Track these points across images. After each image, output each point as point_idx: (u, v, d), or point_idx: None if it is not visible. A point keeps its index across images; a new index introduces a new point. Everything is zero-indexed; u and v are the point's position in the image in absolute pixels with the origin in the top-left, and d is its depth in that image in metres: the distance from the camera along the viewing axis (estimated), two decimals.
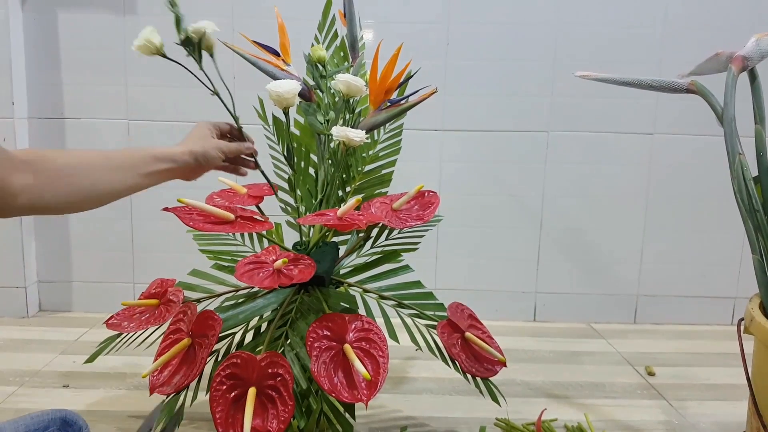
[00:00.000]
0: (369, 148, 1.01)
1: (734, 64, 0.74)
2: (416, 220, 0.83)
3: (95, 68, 1.40)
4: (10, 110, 1.35)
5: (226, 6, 1.36)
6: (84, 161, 0.64)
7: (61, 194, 0.60)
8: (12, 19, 1.34)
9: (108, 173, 0.65)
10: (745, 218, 0.72)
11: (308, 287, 0.84)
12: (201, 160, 0.74)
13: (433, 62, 1.41)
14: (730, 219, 0.79)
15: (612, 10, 1.40)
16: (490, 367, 0.83)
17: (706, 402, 1.07)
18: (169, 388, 0.71)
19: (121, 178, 0.66)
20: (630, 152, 1.45)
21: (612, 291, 1.50)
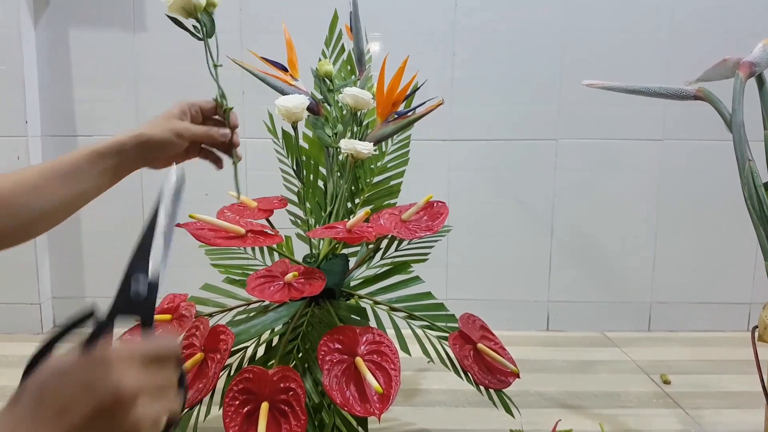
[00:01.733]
0: (377, 159, 1.02)
1: (741, 70, 0.74)
2: (425, 230, 0.83)
3: (107, 85, 1.42)
4: (23, 129, 1.37)
5: (234, 23, 1.38)
6: (30, 180, 0.59)
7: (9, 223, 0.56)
8: (24, 38, 1.36)
9: (57, 186, 0.59)
10: (757, 225, 0.71)
11: (319, 300, 0.84)
12: (152, 145, 0.65)
13: (439, 73, 1.41)
14: (743, 223, 0.79)
15: (618, 17, 1.40)
16: (503, 379, 0.83)
17: (722, 410, 1.05)
18: None
19: (71, 188, 0.60)
20: (639, 158, 1.44)
21: (625, 298, 1.49)
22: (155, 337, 0.45)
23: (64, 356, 0.44)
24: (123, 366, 0.42)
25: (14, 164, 1.38)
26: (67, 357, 0.43)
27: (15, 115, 1.37)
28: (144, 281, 0.46)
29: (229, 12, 1.37)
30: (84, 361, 0.42)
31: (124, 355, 0.42)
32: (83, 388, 0.40)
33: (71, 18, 1.40)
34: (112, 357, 0.42)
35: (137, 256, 0.46)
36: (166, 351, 0.45)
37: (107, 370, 0.41)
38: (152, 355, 0.44)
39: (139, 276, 0.46)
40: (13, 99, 1.36)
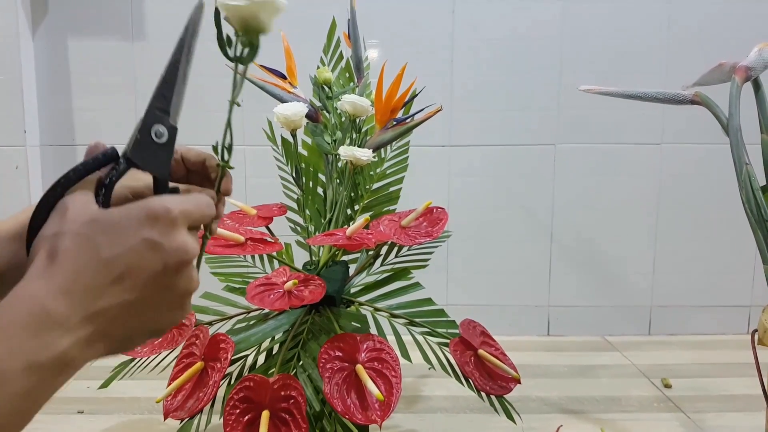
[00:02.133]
0: (376, 166, 1.02)
1: (737, 74, 0.75)
2: (425, 236, 0.83)
3: (106, 94, 1.42)
4: (22, 138, 1.37)
5: (232, 31, 1.38)
6: None
7: None
8: (23, 49, 1.37)
9: None
10: (755, 228, 0.72)
11: (319, 307, 0.84)
12: None
13: (438, 80, 1.42)
14: (742, 227, 0.79)
15: (616, 22, 1.40)
16: (505, 385, 0.83)
17: (724, 413, 1.05)
18: (183, 412, 0.71)
19: None
20: (638, 163, 1.44)
21: (625, 303, 1.49)
22: (198, 199, 0.43)
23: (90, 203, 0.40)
24: (184, 225, 0.41)
25: (13, 174, 1.38)
26: (96, 205, 0.40)
27: (14, 124, 1.37)
28: (165, 124, 0.44)
29: None
30: (140, 214, 0.39)
31: (184, 213, 0.40)
32: (151, 248, 0.38)
33: (70, 27, 1.41)
34: (176, 214, 0.40)
35: (159, 97, 0.44)
36: (209, 213, 0.44)
37: (173, 229, 0.39)
38: (199, 217, 0.43)
39: (159, 116, 0.43)
40: (11, 108, 1.36)
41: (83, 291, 0.36)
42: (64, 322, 0.35)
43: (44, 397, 0.36)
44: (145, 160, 0.42)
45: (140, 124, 0.42)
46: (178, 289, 0.41)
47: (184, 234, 0.40)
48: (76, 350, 0.36)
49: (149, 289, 0.38)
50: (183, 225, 0.40)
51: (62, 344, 0.35)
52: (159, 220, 0.38)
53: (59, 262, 0.36)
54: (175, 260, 0.39)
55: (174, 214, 0.39)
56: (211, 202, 0.44)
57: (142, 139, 0.42)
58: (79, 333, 0.36)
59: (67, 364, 0.36)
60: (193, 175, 0.54)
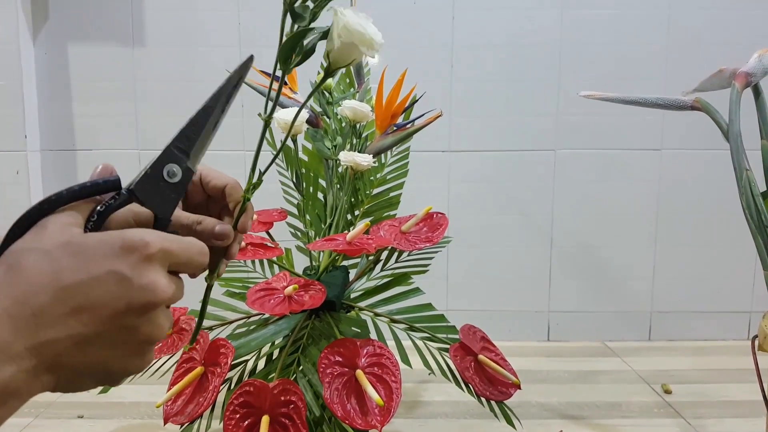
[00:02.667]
0: (376, 171, 1.02)
1: (737, 80, 0.75)
2: (425, 242, 0.83)
3: (106, 100, 1.43)
4: (23, 143, 1.37)
5: (233, 36, 1.39)
6: None
7: None
8: (23, 54, 1.37)
9: None
10: (755, 234, 0.72)
11: (319, 312, 0.84)
12: None
13: (438, 85, 1.42)
14: (742, 232, 0.79)
15: (616, 28, 1.41)
16: (505, 390, 0.82)
17: (725, 419, 1.05)
18: (183, 417, 0.71)
19: None
20: (638, 168, 1.44)
21: (625, 308, 1.49)
22: (189, 242, 0.39)
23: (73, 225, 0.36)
24: (162, 263, 0.37)
25: (14, 179, 1.38)
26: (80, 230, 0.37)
27: (14, 129, 1.37)
28: (181, 165, 0.41)
29: (228, 26, 1.38)
30: (114, 243, 0.35)
31: (164, 251, 0.36)
32: (118, 282, 0.34)
33: (70, 33, 1.41)
34: (154, 250, 0.36)
35: (182, 137, 0.42)
36: (198, 260, 0.40)
37: (146, 265, 0.35)
38: (185, 261, 0.38)
39: (177, 156, 0.41)
40: (12, 114, 1.36)
41: (32, 316, 0.33)
42: (6, 350, 0.32)
43: None
44: (150, 196, 0.40)
45: (154, 159, 0.41)
46: (140, 334, 0.36)
47: (157, 273, 0.36)
48: (20, 381, 0.33)
49: (107, 327, 0.35)
50: (160, 264, 0.36)
51: (2, 374, 0.32)
52: (133, 252, 0.35)
53: (16, 281, 0.33)
54: (141, 300, 0.35)
55: (151, 250, 0.36)
56: (206, 250, 0.41)
57: (151, 174, 0.40)
58: (22, 363, 0.32)
59: (8, 395, 0.33)
60: (212, 202, 0.50)
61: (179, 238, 0.39)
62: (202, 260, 0.40)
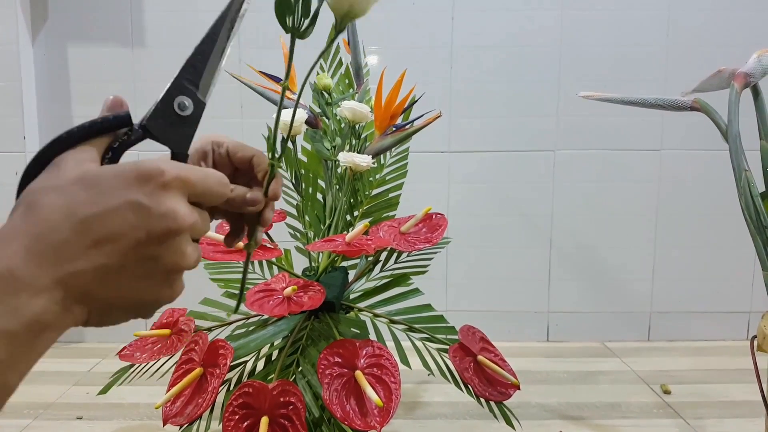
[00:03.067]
0: (376, 172, 1.02)
1: (736, 81, 0.75)
2: (425, 242, 0.83)
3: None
4: (21, 144, 1.37)
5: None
6: None
7: None
8: (23, 55, 1.37)
9: None
10: (754, 234, 0.72)
11: (318, 313, 0.84)
12: None
13: (437, 85, 1.42)
14: (741, 233, 0.79)
15: (615, 29, 1.41)
16: (504, 391, 0.82)
17: (724, 419, 1.05)
18: (182, 418, 0.71)
19: None
20: (638, 169, 1.44)
21: (625, 309, 1.49)
22: (206, 171, 0.39)
23: (88, 161, 0.37)
24: (180, 192, 0.36)
25: (13, 180, 1.38)
26: (96, 165, 0.37)
27: (13, 131, 1.37)
28: (192, 97, 0.40)
29: None
30: (129, 174, 0.35)
31: (181, 179, 0.36)
32: (136, 210, 0.34)
33: (69, 34, 1.41)
34: (170, 178, 0.35)
35: (189, 68, 0.41)
36: (218, 189, 0.39)
37: (164, 193, 0.35)
38: (203, 190, 0.38)
39: (186, 88, 0.40)
40: (11, 115, 1.36)
41: (53, 251, 0.33)
42: (33, 283, 0.32)
43: (24, 366, 0.34)
44: (163, 131, 0.40)
45: (163, 93, 0.40)
46: (165, 263, 0.36)
47: (176, 201, 0.36)
48: (51, 315, 0.33)
49: (130, 257, 0.35)
50: (178, 191, 0.36)
51: (33, 308, 0.32)
52: (149, 181, 0.35)
53: (34, 219, 0.34)
54: (160, 227, 0.35)
55: (167, 177, 0.35)
56: (225, 180, 0.40)
57: (162, 109, 0.40)
58: (51, 295, 0.33)
59: (42, 329, 0.33)
60: (240, 174, 0.50)
61: (197, 167, 0.38)
62: (222, 190, 0.40)
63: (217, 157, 0.49)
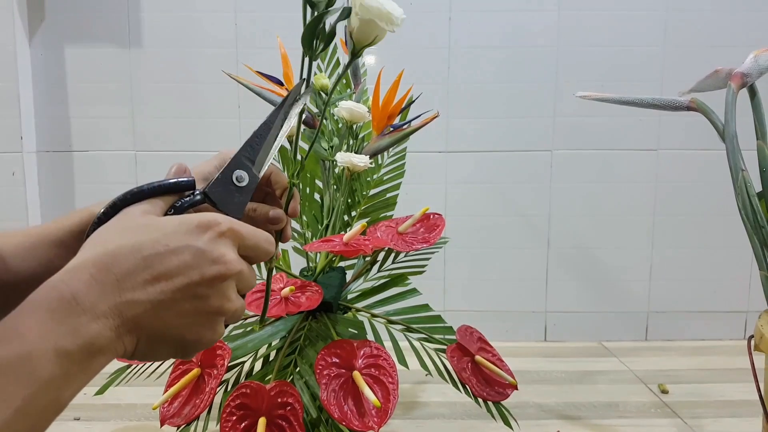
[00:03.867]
0: (373, 172, 1.02)
1: (733, 80, 0.75)
2: (422, 242, 0.83)
3: (102, 101, 1.42)
4: (18, 144, 1.37)
5: (230, 38, 1.39)
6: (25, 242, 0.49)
7: None
8: (20, 55, 1.37)
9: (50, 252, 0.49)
10: (751, 234, 0.72)
11: (316, 314, 0.84)
12: None
13: (434, 86, 1.42)
14: (738, 233, 0.79)
15: (612, 29, 1.41)
16: (502, 391, 0.82)
17: (721, 419, 1.05)
18: (180, 419, 0.71)
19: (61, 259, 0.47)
20: (635, 169, 1.45)
21: (622, 308, 1.49)
22: (256, 229, 0.43)
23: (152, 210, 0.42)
24: (232, 242, 0.41)
25: (10, 180, 1.38)
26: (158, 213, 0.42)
27: (10, 131, 1.37)
28: (248, 171, 0.46)
29: (225, 27, 1.38)
30: (191, 223, 0.40)
31: (234, 231, 0.41)
32: (194, 254, 0.39)
33: (66, 34, 1.41)
34: (225, 228, 0.40)
35: (247, 147, 0.47)
36: (265, 246, 0.44)
37: (219, 240, 0.40)
38: (253, 244, 0.43)
39: (244, 164, 0.46)
40: (8, 115, 1.36)
41: (116, 281, 0.37)
42: (92, 309, 0.35)
43: (77, 385, 0.36)
44: (221, 198, 0.45)
45: (225, 166, 0.46)
46: (211, 304, 0.40)
47: (228, 249, 0.40)
48: (104, 339, 0.36)
49: (182, 295, 0.38)
50: (230, 241, 0.41)
51: (90, 331, 0.35)
52: (208, 230, 0.40)
53: (101, 253, 0.37)
54: (212, 271, 0.39)
55: (223, 228, 0.40)
56: (272, 239, 0.45)
57: (223, 179, 0.46)
58: (107, 321, 0.36)
59: (96, 351, 0.36)
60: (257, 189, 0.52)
61: (248, 225, 0.43)
62: (268, 247, 0.44)
63: None
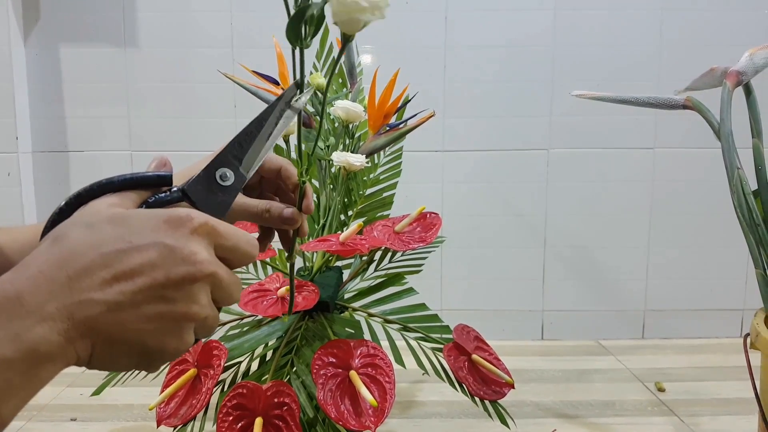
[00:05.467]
0: (370, 171, 1.02)
1: (729, 79, 0.75)
2: (419, 242, 0.83)
3: (98, 101, 1.42)
4: (14, 145, 1.37)
5: (226, 37, 1.38)
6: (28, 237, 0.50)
7: None
8: (15, 55, 1.36)
9: None
10: (747, 233, 0.72)
11: (313, 313, 0.84)
12: None
13: (431, 85, 1.42)
14: (734, 231, 0.80)
15: (608, 30, 1.41)
16: (498, 390, 0.82)
17: (718, 417, 1.05)
18: (176, 419, 0.71)
19: None
20: (631, 167, 1.45)
21: (619, 307, 1.49)
22: (237, 229, 0.38)
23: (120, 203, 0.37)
24: (206, 240, 0.36)
25: (5, 181, 1.37)
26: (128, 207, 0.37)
27: (5, 131, 1.36)
28: (234, 170, 0.43)
29: (221, 26, 1.38)
30: (159, 217, 0.35)
31: (209, 227, 0.36)
32: (160, 251, 0.34)
33: (61, 34, 1.40)
34: (198, 224, 0.35)
35: (235, 144, 0.43)
36: (245, 248, 0.38)
37: (191, 237, 0.35)
38: (231, 245, 0.37)
39: (230, 162, 0.43)
40: (3, 115, 1.36)
41: (67, 279, 0.32)
42: (38, 310, 0.31)
43: (20, 397, 0.32)
44: (201, 197, 0.41)
45: (209, 163, 0.42)
46: (177, 309, 0.35)
47: (201, 247, 0.35)
48: (51, 344, 0.32)
49: (144, 296, 0.34)
50: (204, 239, 0.36)
51: (33, 335, 0.31)
52: (179, 226, 0.35)
53: (58, 248, 0.33)
54: (180, 271, 0.34)
55: (196, 223, 0.36)
56: (255, 242, 0.40)
57: (205, 177, 0.42)
58: (54, 324, 0.31)
59: (41, 359, 0.32)
60: (266, 182, 0.53)
61: (228, 224, 0.38)
62: (250, 250, 0.39)
63: None
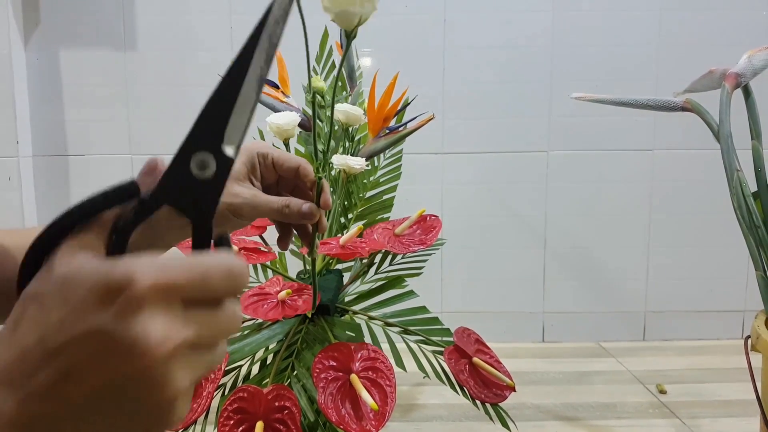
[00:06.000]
0: (370, 174, 1.02)
1: (728, 81, 0.75)
2: (419, 244, 0.83)
3: (98, 104, 1.42)
4: (14, 149, 1.37)
5: (225, 39, 1.38)
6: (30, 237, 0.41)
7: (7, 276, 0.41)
8: (15, 59, 1.36)
9: None
10: (746, 234, 0.72)
11: (313, 317, 0.84)
12: None
13: (430, 87, 1.42)
14: (735, 232, 0.79)
15: (607, 30, 1.41)
16: (499, 393, 0.82)
17: (719, 419, 1.05)
18: None
19: None
20: (630, 169, 1.45)
21: (620, 308, 1.49)
22: (200, 260, 0.28)
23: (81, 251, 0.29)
24: (160, 305, 0.26)
25: (6, 185, 1.37)
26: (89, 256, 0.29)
27: (6, 135, 1.36)
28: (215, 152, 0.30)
29: (220, 30, 1.38)
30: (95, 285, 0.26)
31: (159, 287, 0.26)
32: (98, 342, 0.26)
33: (62, 38, 1.40)
34: (141, 289, 0.26)
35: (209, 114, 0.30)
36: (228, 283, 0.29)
37: (133, 312, 0.26)
38: (198, 285, 0.28)
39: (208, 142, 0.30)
40: (3, 119, 1.36)
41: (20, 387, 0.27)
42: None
43: None
44: (179, 198, 0.30)
45: (178, 150, 0.30)
46: (147, 401, 0.27)
47: (148, 322, 0.26)
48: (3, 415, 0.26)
49: (104, 397, 0.27)
50: (155, 306, 0.26)
51: None
52: (115, 297, 0.26)
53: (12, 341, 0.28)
54: (129, 365, 0.26)
55: (138, 289, 0.26)
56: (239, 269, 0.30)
57: (177, 170, 0.30)
58: None
59: None
60: (283, 181, 0.51)
61: (195, 260, 0.28)
62: (235, 283, 0.29)
63: (263, 168, 0.51)
